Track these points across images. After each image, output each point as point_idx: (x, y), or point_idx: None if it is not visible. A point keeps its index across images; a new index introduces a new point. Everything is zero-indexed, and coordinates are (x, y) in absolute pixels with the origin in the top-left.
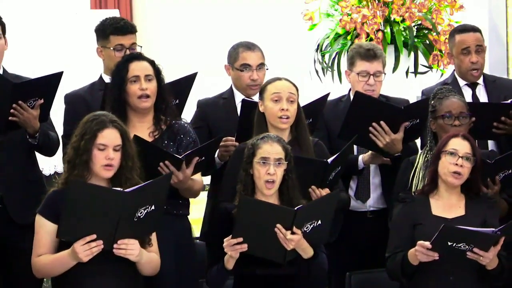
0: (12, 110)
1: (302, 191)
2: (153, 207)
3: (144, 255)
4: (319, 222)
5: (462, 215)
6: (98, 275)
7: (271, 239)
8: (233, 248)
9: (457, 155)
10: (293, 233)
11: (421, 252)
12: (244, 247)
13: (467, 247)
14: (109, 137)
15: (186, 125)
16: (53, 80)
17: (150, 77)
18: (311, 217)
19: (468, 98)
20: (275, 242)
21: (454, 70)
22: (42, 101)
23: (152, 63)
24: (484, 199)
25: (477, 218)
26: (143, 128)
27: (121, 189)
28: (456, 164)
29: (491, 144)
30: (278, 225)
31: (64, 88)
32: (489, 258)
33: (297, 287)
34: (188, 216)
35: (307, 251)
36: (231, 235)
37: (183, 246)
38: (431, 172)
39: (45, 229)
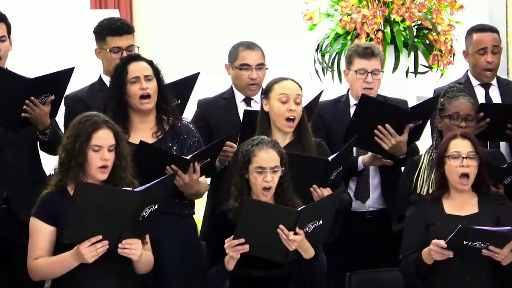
0: (24, 107)
1: (303, 190)
2: (156, 206)
3: (143, 254)
4: (321, 222)
5: (476, 213)
6: (98, 276)
7: (273, 239)
8: (234, 249)
9: (460, 157)
10: (295, 233)
11: (435, 250)
12: (246, 247)
13: (482, 245)
14: (104, 137)
15: (189, 124)
16: (64, 76)
17: (149, 77)
18: (314, 217)
19: (481, 98)
20: (277, 243)
21: (467, 70)
22: (53, 97)
23: (150, 63)
24: (494, 197)
25: (491, 215)
26: (145, 129)
27: (131, 189)
28: (462, 166)
29: (503, 146)
30: (281, 226)
31: None
32: (504, 255)
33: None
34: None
35: (308, 251)
36: (232, 236)
37: (189, 246)
38: (439, 177)
39: (41, 232)
